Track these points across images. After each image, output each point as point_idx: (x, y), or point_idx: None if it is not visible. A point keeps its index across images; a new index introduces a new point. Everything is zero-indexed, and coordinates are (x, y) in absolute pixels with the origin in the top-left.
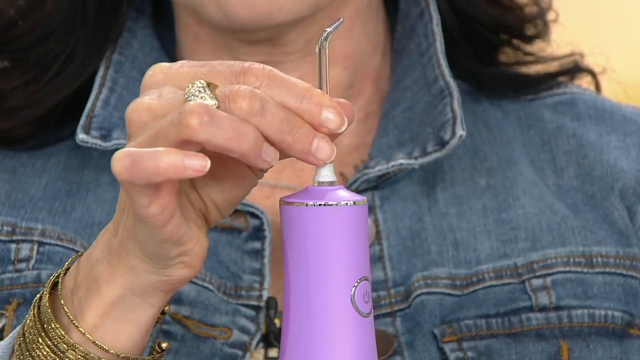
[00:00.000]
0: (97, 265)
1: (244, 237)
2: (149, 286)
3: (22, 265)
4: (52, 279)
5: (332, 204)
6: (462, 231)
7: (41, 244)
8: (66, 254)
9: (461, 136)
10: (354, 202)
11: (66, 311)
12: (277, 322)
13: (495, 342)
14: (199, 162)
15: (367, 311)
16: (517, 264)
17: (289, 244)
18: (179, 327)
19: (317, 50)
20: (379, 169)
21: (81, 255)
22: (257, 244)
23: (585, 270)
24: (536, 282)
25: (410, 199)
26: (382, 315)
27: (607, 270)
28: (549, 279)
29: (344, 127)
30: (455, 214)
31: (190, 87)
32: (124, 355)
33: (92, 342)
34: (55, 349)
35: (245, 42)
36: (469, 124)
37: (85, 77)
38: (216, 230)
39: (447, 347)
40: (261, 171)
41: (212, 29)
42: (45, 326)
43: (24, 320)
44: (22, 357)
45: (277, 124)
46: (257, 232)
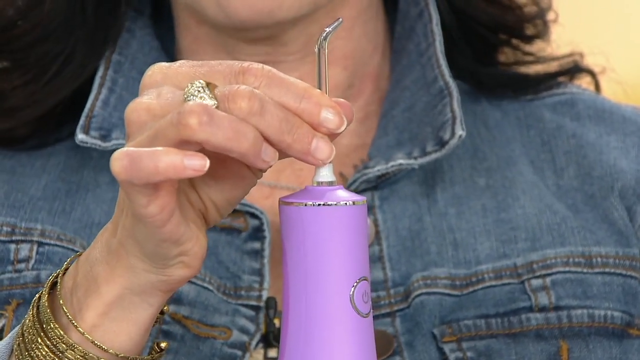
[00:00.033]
0: (96, 265)
1: (244, 237)
2: (148, 286)
3: (22, 265)
4: (51, 279)
5: (331, 204)
6: (462, 231)
7: (40, 244)
8: (65, 254)
9: (460, 136)
10: (353, 202)
11: (65, 311)
12: (276, 322)
13: (494, 342)
14: (198, 162)
15: (366, 311)
16: (517, 264)
17: (288, 244)
18: (178, 327)
19: (316, 50)
20: (379, 169)
21: (80, 255)
22: (256, 244)
23: (584, 270)
24: (536, 282)
25: (409, 199)
26: (381, 315)
27: (607, 270)
28: (548, 279)
29: (343, 127)
30: (454, 214)
31: (189, 87)
32: (123, 355)
33: (91, 342)
34: (54, 348)
35: (245, 42)
36: (469, 124)
37: (84, 77)
38: (215, 230)
39: (446, 347)
40: (260, 171)
41: (211, 29)
42: (44, 326)
43: (23, 320)
44: (21, 357)
45: (276, 124)
46: (257, 233)
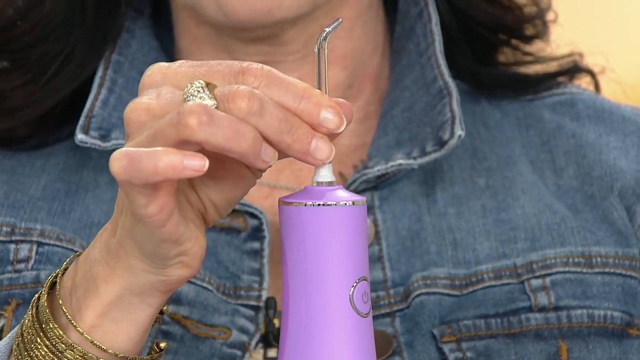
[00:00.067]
0: (96, 265)
1: (243, 237)
2: (147, 286)
3: (21, 265)
4: (50, 279)
5: (331, 204)
6: (461, 231)
7: (40, 244)
8: (65, 254)
9: (460, 136)
10: (353, 202)
11: (64, 311)
12: (276, 322)
13: (494, 342)
14: (197, 162)
15: (366, 311)
16: (517, 264)
17: (287, 244)
18: (177, 327)
19: (316, 50)
20: (378, 169)
21: (79, 255)
22: (256, 244)
23: (584, 270)
24: (535, 283)
25: (409, 199)
26: (381, 315)
27: (607, 270)
28: (548, 279)
29: (343, 127)
30: (454, 214)
31: (189, 87)
32: (122, 355)
33: (91, 342)
34: (53, 349)
35: (244, 42)
36: (468, 124)
37: (84, 77)
38: (215, 230)
39: (446, 348)
40: (260, 171)
41: (211, 29)
42: (43, 326)
43: (22, 320)
44: (20, 357)
45: (275, 124)
46: (256, 232)
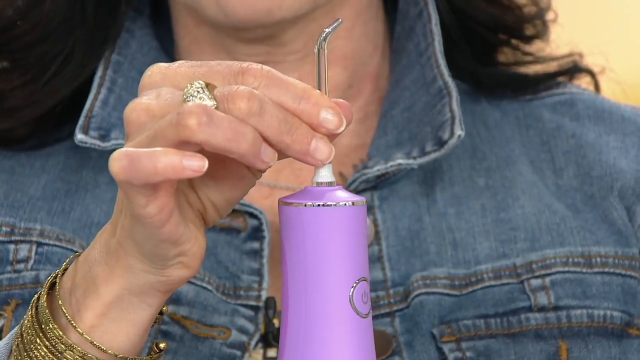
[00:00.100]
0: (95, 265)
1: (243, 237)
2: (146, 286)
3: (21, 265)
4: (50, 280)
5: (331, 205)
6: (461, 231)
7: (40, 244)
8: (65, 255)
9: (460, 136)
10: (353, 203)
11: (64, 311)
12: (275, 322)
13: (494, 342)
14: (197, 163)
15: (366, 312)
16: (516, 264)
17: (287, 245)
18: (177, 328)
19: (316, 50)
20: (378, 169)
21: (79, 255)
22: (255, 244)
23: (584, 270)
24: (535, 282)
25: (409, 199)
26: (381, 315)
27: (606, 270)
28: (547, 279)
29: (343, 128)
30: (454, 214)
31: (188, 87)
32: (121, 355)
33: (90, 343)
34: (53, 349)
35: (244, 42)
36: (468, 124)
37: (84, 77)
38: (215, 230)
39: (445, 347)
40: (259, 171)
41: (211, 29)
42: (43, 326)
43: (22, 320)
44: (20, 358)
45: (275, 125)
46: (256, 232)
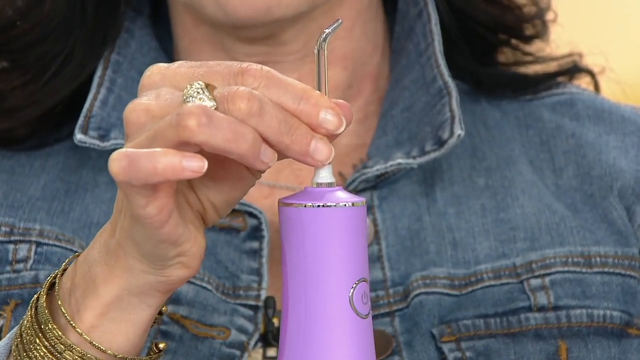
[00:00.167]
0: (95, 265)
1: (242, 236)
2: (146, 286)
3: (20, 265)
4: (50, 280)
5: (331, 205)
6: (461, 231)
7: (39, 244)
8: (64, 255)
9: (459, 135)
10: (353, 204)
11: (63, 312)
12: (275, 321)
13: (493, 342)
14: (196, 163)
15: (366, 312)
16: (516, 263)
17: (287, 245)
18: (177, 327)
19: (315, 51)
20: (377, 169)
21: (78, 255)
22: (255, 244)
23: (583, 270)
24: (535, 282)
25: (409, 199)
26: (380, 315)
27: (606, 270)
28: (547, 279)
29: (342, 128)
30: (453, 213)
31: (188, 88)
32: (121, 355)
33: (90, 343)
34: (52, 349)
35: (243, 41)
36: (468, 124)
37: (83, 77)
38: (214, 230)
39: (445, 347)
40: (259, 172)
41: (210, 29)
42: (42, 327)
43: (21, 320)
44: (19, 358)
45: (275, 125)
46: (255, 232)
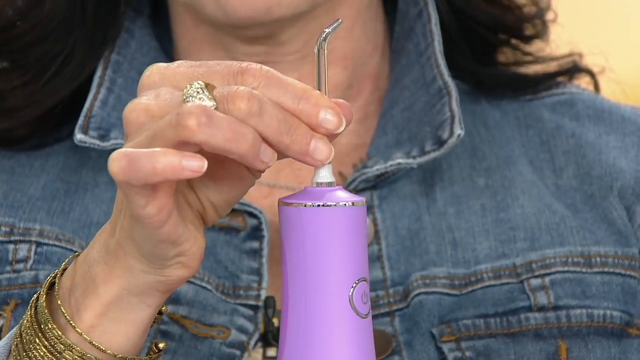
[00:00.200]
0: (95, 265)
1: (242, 236)
2: (146, 286)
3: (20, 265)
4: (49, 280)
5: (331, 205)
6: (461, 231)
7: (39, 244)
8: (64, 255)
9: (459, 135)
10: (353, 203)
11: (63, 311)
12: (275, 321)
13: (493, 342)
14: (196, 163)
15: (365, 312)
16: (516, 263)
17: (287, 245)
18: (176, 327)
19: (315, 51)
20: (377, 169)
21: (78, 255)
22: (255, 244)
23: (583, 270)
24: (535, 282)
25: (408, 199)
26: (380, 314)
27: (606, 270)
28: (547, 279)
29: (342, 128)
30: (453, 213)
31: (188, 87)
32: (121, 355)
33: (89, 343)
34: (52, 349)
35: (243, 41)
36: (468, 124)
37: (83, 77)
38: (214, 229)
39: (445, 347)
40: (259, 172)
41: (210, 28)
42: (42, 327)
43: (21, 320)
44: (19, 358)
45: (275, 125)
46: (255, 232)
